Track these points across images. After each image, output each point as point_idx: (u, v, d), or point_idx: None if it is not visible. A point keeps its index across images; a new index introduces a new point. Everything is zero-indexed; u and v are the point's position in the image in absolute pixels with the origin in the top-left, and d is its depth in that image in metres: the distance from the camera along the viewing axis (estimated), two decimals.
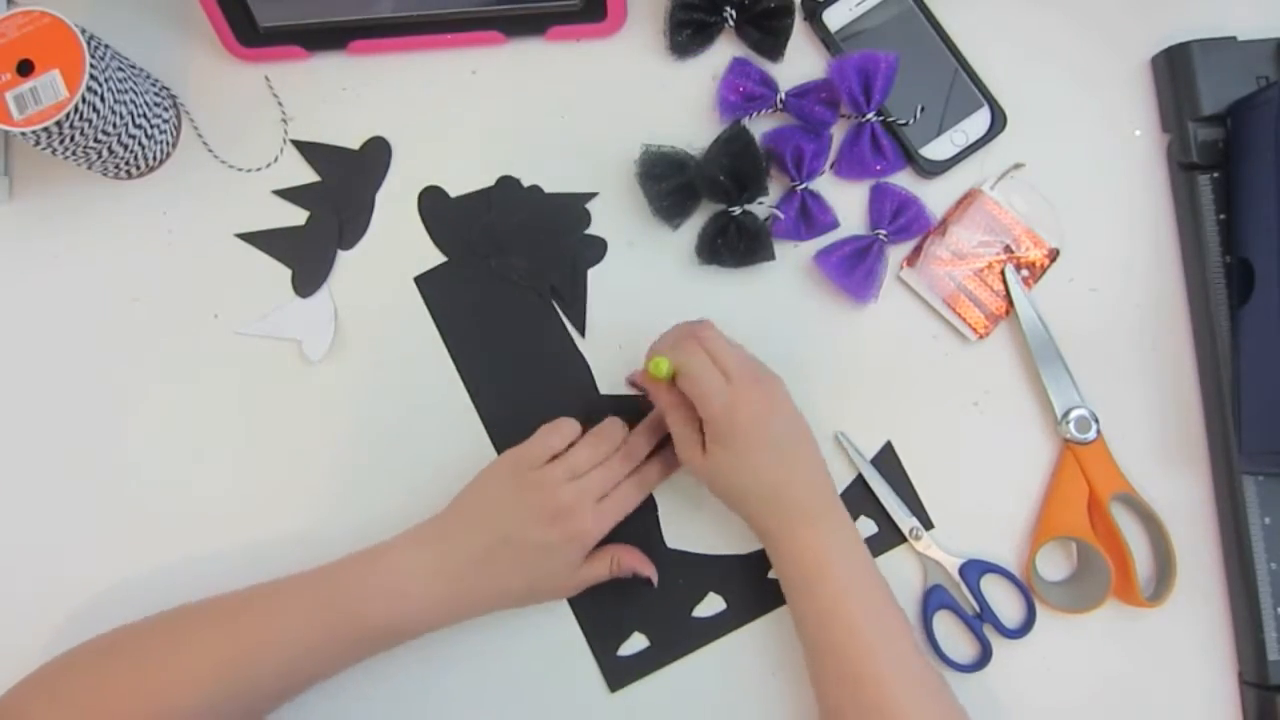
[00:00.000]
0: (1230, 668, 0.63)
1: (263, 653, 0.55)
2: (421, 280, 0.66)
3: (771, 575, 0.63)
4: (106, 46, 0.61)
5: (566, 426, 0.61)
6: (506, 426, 0.65)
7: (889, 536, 0.64)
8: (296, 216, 0.67)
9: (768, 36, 0.66)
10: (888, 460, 0.64)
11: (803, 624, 0.57)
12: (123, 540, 0.65)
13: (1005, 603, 0.63)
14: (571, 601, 0.64)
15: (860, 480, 0.64)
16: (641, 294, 0.66)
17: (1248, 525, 0.61)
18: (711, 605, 0.64)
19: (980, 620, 0.63)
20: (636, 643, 0.63)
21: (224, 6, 0.64)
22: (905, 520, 0.63)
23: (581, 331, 0.66)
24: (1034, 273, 0.65)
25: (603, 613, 0.64)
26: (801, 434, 0.58)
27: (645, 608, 0.64)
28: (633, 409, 0.64)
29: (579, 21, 0.66)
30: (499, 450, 0.65)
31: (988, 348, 0.65)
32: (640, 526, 0.64)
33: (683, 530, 0.64)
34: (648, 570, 0.62)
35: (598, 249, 0.66)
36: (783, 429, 0.57)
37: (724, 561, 0.64)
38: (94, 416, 0.66)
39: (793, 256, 0.66)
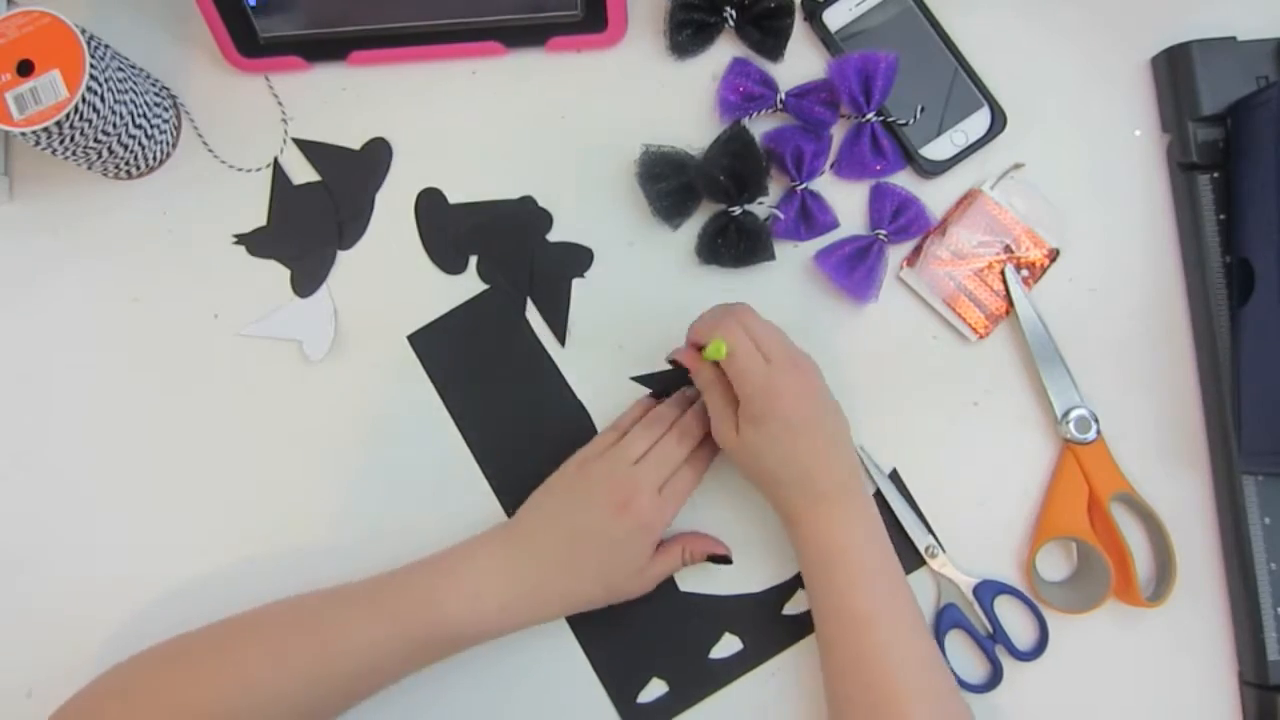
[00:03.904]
0: (1230, 668, 0.63)
1: (339, 656, 0.55)
2: (414, 338, 0.66)
3: (786, 611, 0.63)
4: (106, 46, 0.61)
5: (626, 419, 0.62)
6: (494, 445, 0.65)
7: (907, 559, 0.62)
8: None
9: (768, 36, 0.66)
10: (895, 483, 0.64)
11: (817, 612, 0.57)
12: (121, 540, 0.65)
13: (1019, 624, 0.63)
14: (586, 648, 0.63)
15: (877, 495, 0.64)
16: (641, 294, 0.66)
17: (1248, 525, 0.61)
18: (728, 646, 0.63)
19: (993, 641, 0.62)
20: (655, 689, 0.63)
21: (225, 17, 0.64)
22: (922, 538, 0.63)
23: (561, 341, 0.66)
24: (1034, 273, 0.65)
25: (620, 659, 0.63)
26: (834, 418, 0.58)
27: (662, 652, 0.63)
28: None
29: (579, 32, 0.66)
30: (489, 455, 0.65)
31: (988, 348, 0.65)
32: None
33: (694, 572, 0.64)
34: (721, 549, 0.62)
35: (583, 258, 0.66)
36: (816, 412, 0.57)
37: (738, 601, 0.64)
38: (93, 417, 0.66)
39: (793, 256, 0.66)
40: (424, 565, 0.59)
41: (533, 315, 0.66)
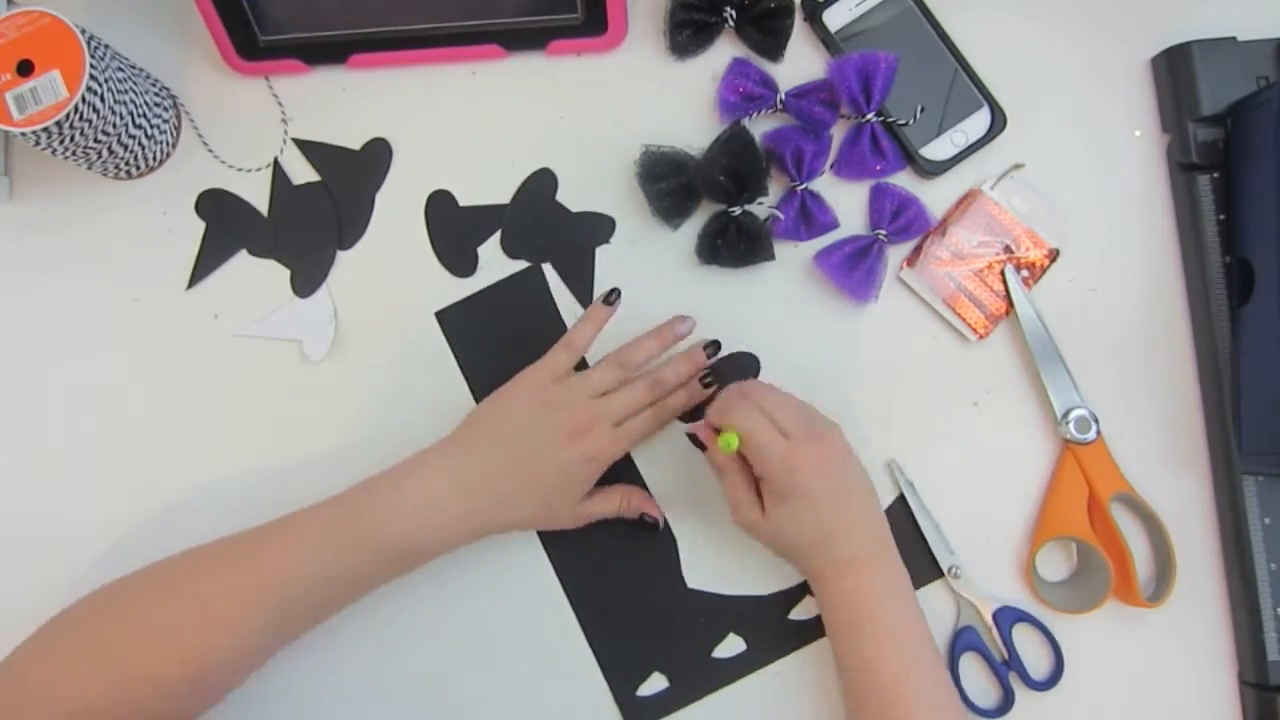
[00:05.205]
0: (1230, 668, 0.63)
1: (290, 583, 0.55)
2: (442, 315, 0.66)
3: (793, 616, 0.63)
4: (106, 47, 0.61)
5: (583, 333, 0.61)
6: None
7: (924, 570, 0.63)
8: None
9: (768, 37, 0.66)
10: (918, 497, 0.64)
11: (844, 669, 0.57)
12: (120, 542, 0.65)
13: (1035, 652, 0.63)
14: (590, 639, 0.63)
15: (901, 503, 0.64)
16: (641, 294, 0.66)
17: (1248, 525, 0.61)
18: (732, 646, 0.63)
19: (1007, 668, 0.62)
20: (656, 683, 0.63)
21: (225, 21, 0.64)
22: (946, 557, 0.63)
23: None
24: (1034, 273, 0.65)
25: (622, 651, 0.63)
26: (859, 482, 0.58)
27: (665, 647, 0.63)
28: None
29: (580, 36, 0.66)
30: None
31: (988, 348, 0.65)
32: (660, 565, 0.64)
33: (703, 570, 0.64)
34: (655, 512, 0.62)
35: (605, 227, 0.66)
36: (839, 482, 0.57)
37: (745, 602, 0.63)
38: (93, 417, 0.66)
39: (793, 257, 0.66)
40: (371, 483, 0.58)
41: (559, 294, 0.66)
